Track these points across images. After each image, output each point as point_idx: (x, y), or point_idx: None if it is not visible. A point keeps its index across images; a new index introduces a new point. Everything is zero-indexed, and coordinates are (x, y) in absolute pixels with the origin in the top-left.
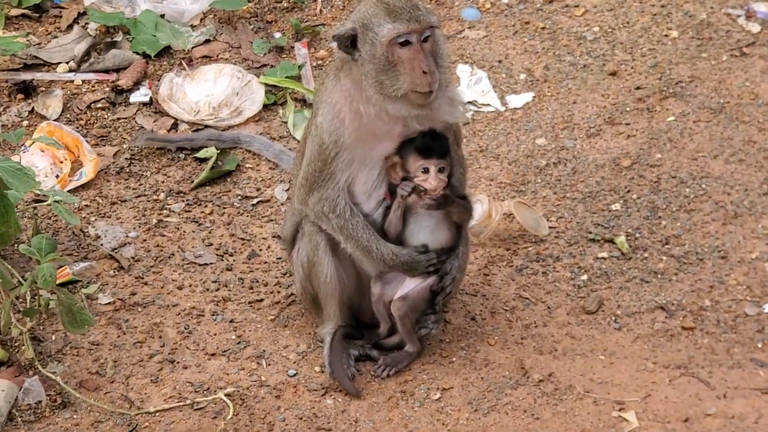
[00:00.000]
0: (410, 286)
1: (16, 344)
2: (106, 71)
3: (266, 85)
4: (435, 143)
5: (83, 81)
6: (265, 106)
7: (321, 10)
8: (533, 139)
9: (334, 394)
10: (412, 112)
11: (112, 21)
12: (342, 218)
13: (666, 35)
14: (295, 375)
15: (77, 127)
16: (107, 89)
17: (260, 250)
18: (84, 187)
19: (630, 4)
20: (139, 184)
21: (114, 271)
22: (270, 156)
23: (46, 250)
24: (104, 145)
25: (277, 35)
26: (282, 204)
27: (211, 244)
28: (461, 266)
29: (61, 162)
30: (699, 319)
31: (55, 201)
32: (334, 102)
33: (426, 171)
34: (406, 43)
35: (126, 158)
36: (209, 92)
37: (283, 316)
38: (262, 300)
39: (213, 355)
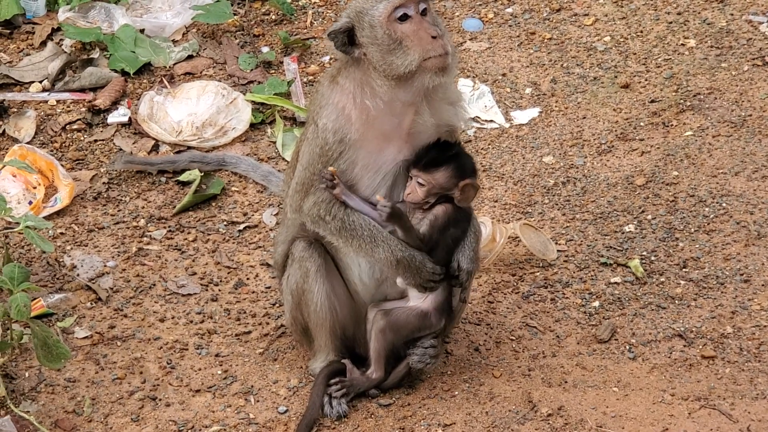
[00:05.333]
0: (400, 304)
1: None
2: (82, 90)
3: (253, 102)
4: (429, 154)
5: (58, 101)
6: (252, 125)
7: (311, 23)
8: (540, 157)
9: None
10: (434, 81)
11: (89, 37)
12: (338, 219)
13: (683, 44)
14: (285, 412)
15: (51, 150)
16: (83, 109)
17: (247, 279)
18: (59, 213)
19: (644, 12)
20: (118, 210)
21: (91, 303)
22: (257, 178)
23: (19, 279)
24: (80, 169)
25: (265, 49)
26: (271, 229)
27: (194, 274)
28: (472, 257)
29: (35, 187)
30: (720, 347)
31: (27, 227)
32: (336, 102)
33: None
34: (405, 18)
35: (104, 183)
36: (192, 111)
37: (273, 349)
38: (249, 332)
39: (198, 391)
